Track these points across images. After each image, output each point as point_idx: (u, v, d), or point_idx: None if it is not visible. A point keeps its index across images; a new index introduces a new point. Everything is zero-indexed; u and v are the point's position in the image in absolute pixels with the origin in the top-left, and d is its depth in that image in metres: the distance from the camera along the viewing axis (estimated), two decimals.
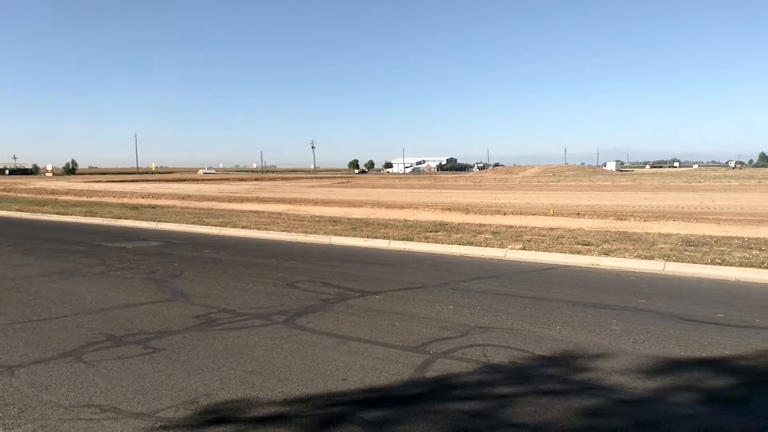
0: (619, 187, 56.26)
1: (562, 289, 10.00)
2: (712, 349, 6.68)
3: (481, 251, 14.04)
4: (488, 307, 8.75)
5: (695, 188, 49.71)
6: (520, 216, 22.59)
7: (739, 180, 67.00)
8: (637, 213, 23.71)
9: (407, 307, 8.82)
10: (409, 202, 33.01)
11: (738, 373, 5.94)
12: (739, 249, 12.99)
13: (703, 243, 13.94)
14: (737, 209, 26.08)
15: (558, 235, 15.90)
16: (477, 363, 6.29)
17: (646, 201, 32.70)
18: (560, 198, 37.31)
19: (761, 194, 38.70)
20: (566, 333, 7.39)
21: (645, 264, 11.89)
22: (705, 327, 7.59)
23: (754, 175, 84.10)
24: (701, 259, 11.88)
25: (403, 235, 16.57)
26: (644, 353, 6.54)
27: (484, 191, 49.70)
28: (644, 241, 14.40)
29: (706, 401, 5.25)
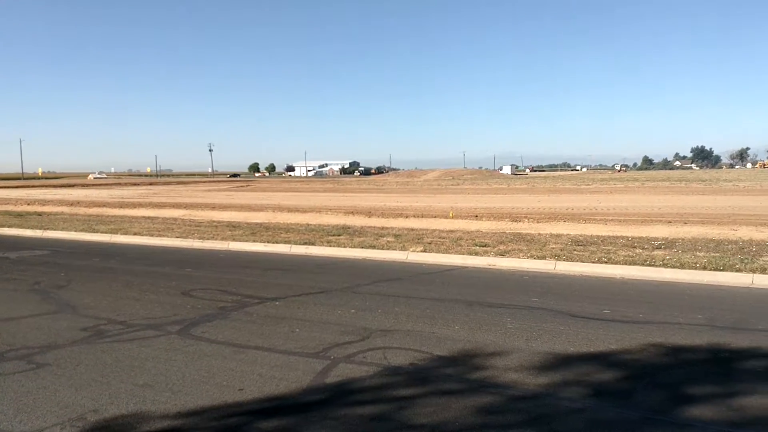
0: (514, 189, 58.49)
1: (461, 290, 10.22)
2: (599, 344, 7.01)
3: (384, 254, 14.14)
4: (389, 309, 8.79)
5: (584, 190, 52.49)
6: (422, 219, 22.96)
7: (624, 182, 71.41)
8: (530, 215, 24.70)
9: (308, 312, 8.71)
10: (312, 205, 32.81)
11: (623, 366, 6.27)
12: (624, 248, 13.77)
13: (591, 243, 14.68)
14: (622, 210, 27.73)
15: (457, 237, 16.27)
16: (378, 366, 6.29)
17: (539, 203, 34.16)
18: (459, 201, 38.29)
19: (644, 195, 41.39)
20: (464, 333, 7.54)
21: (538, 264, 12.38)
22: (593, 323, 7.97)
23: (637, 178, 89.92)
24: (589, 258, 12.49)
25: (305, 239, 16.42)
26: (537, 350, 6.78)
27: (386, 194, 50.21)
28: (537, 242, 15.00)
29: (594, 395, 5.50)
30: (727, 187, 52.44)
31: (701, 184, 62.09)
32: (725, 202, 31.88)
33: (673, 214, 24.07)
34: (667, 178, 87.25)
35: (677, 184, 61.83)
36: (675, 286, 10.45)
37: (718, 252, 12.79)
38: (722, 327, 7.65)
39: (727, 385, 5.63)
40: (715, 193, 42.72)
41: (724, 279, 10.61)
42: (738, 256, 12.12)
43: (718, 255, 12.35)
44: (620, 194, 44.36)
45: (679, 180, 75.80)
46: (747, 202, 32.24)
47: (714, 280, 10.63)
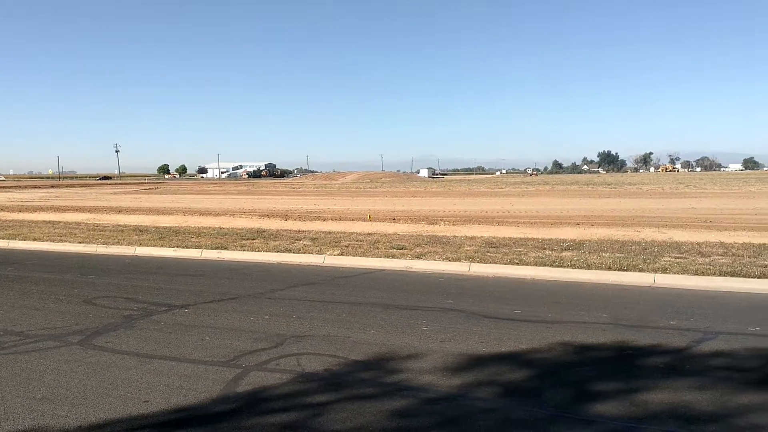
0: (430, 192, 59.35)
1: (378, 293, 10.21)
2: (510, 344, 7.15)
3: (300, 258, 13.95)
4: (305, 315, 8.66)
5: (498, 194, 53.91)
6: (339, 222, 22.87)
7: (535, 186, 73.89)
8: (446, 217, 25.09)
9: (219, 319, 8.45)
10: (225, 208, 32.07)
11: (533, 365, 6.41)
12: (535, 249, 14.18)
13: (503, 245, 15.03)
14: (533, 212, 28.63)
15: (375, 240, 16.29)
16: (291, 373, 6.16)
17: (455, 206, 34.78)
18: (377, 204, 38.47)
19: (554, 198, 42.94)
20: (380, 336, 7.52)
21: (453, 266, 12.55)
22: (504, 323, 8.13)
23: (548, 181, 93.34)
24: (501, 260, 12.78)
25: (218, 243, 15.98)
26: (450, 351, 6.84)
27: (304, 197, 49.79)
28: (452, 244, 15.22)
29: (505, 394, 5.59)
30: (632, 190, 55.23)
31: (607, 187, 65.11)
32: (630, 205, 33.53)
33: (581, 217, 25.06)
34: (575, 181, 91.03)
35: (585, 188, 64.58)
36: (582, 285, 10.84)
37: (622, 253, 13.37)
38: (626, 325, 7.98)
39: (630, 382, 5.85)
40: (620, 196, 44.87)
41: (628, 279, 11.09)
42: (641, 257, 12.71)
43: (622, 255, 12.91)
44: (532, 197, 45.84)
45: (587, 183, 79.22)
46: (650, 204, 34.03)
47: (618, 279, 11.09)
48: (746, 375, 6.02)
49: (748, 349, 6.83)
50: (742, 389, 5.58)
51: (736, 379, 5.90)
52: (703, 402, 5.30)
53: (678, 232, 17.62)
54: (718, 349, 6.83)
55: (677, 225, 20.39)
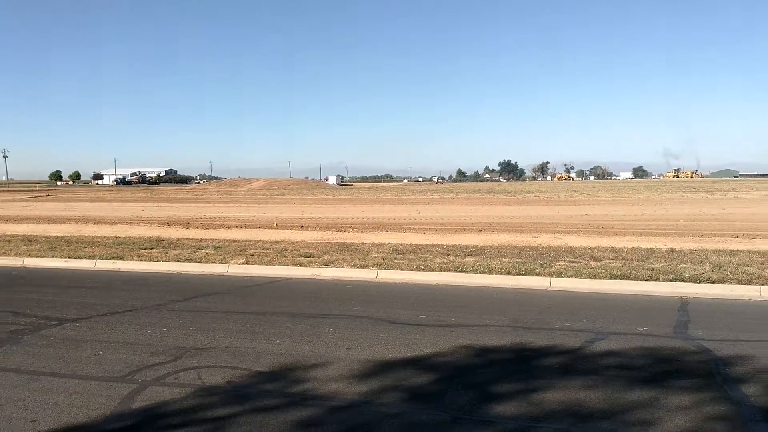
0: (339, 200, 59.43)
1: (284, 302, 10.08)
2: (415, 348, 7.24)
3: (202, 267, 13.56)
4: (206, 326, 8.41)
5: (405, 201, 54.71)
6: (245, 229, 22.44)
7: (441, 193, 75.56)
8: (355, 224, 25.17)
9: (114, 333, 8.06)
10: (122, 216, 30.73)
11: (437, 369, 6.52)
12: (440, 255, 14.47)
13: (410, 251, 15.24)
14: (439, 219, 29.24)
15: (282, 248, 16.08)
16: (191, 387, 5.96)
17: (363, 213, 34.99)
18: (285, 211, 38.06)
19: (458, 206, 44.06)
20: (285, 346, 7.41)
21: (361, 273, 12.59)
22: (409, 329, 8.23)
23: (452, 189, 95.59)
24: (408, 266, 12.96)
25: (113, 253, 15.26)
26: (357, 358, 6.84)
27: (207, 204, 48.52)
28: (360, 251, 15.27)
29: (410, 399, 5.64)
30: (530, 198, 57.57)
31: (507, 195, 67.55)
32: (528, 212, 34.91)
33: (483, 223, 25.83)
34: (478, 189, 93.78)
35: (487, 195, 66.68)
36: (484, 290, 11.15)
37: (521, 258, 13.88)
38: (524, 327, 8.27)
39: (528, 382, 6.05)
40: (519, 204, 46.66)
41: (526, 282, 11.51)
42: (538, 261, 13.23)
43: (521, 261, 13.39)
44: (437, 205, 46.84)
45: (489, 191, 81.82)
46: (547, 211, 35.56)
47: (517, 283, 11.50)
48: (635, 373, 6.37)
49: (637, 348, 7.25)
50: (631, 387, 5.91)
51: (626, 377, 6.23)
52: (596, 400, 5.57)
53: (572, 238, 18.50)
54: (609, 349, 7.20)
55: (572, 231, 21.42)
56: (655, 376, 6.23)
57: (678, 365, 6.62)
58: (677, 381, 6.04)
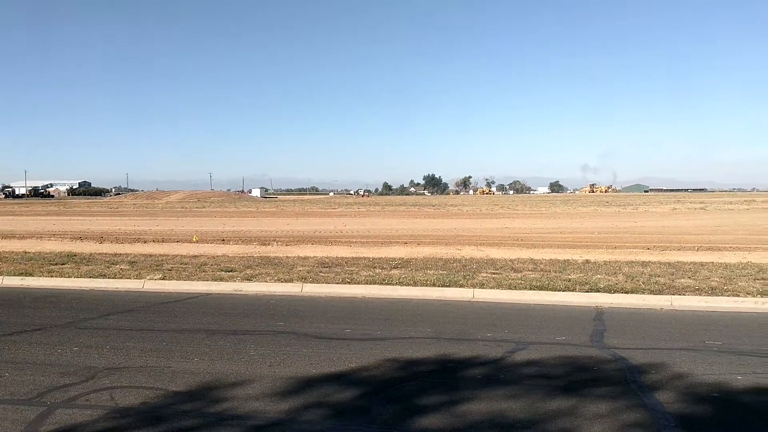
0: (263, 213, 58.50)
1: (203, 319, 9.76)
2: (340, 363, 7.14)
3: (116, 283, 12.98)
4: (120, 345, 8.01)
5: (331, 214, 54.46)
6: (163, 244, 21.70)
7: (367, 206, 75.73)
8: (279, 238, 24.81)
9: (20, 353, 7.57)
10: (32, 230, 29.10)
11: (362, 384, 6.44)
12: (366, 268, 14.43)
13: (336, 264, 15.13)
14: (365, 232, 29.23)
15: (201, 262, 15.63)
16: (104, 409, 5.65)
17: (288, 226, 34.55)
18: (205, 224, 37.11)
19: (384, 219, 44.23)
20: (204, 364, 7.16)
21: (285, 287, 12.37)
22: (335, 343, 8.12)
23: (378, 202, 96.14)
24: (334, 279, 12.84)
25: (21, 269, 14.39)
26: (279, 375, 6.67)
27: (122, 218, 46.67)
28: (285, 265, 15.03)
29: (334, 415, 5.54)
30: (454, 211, 58.55)
31: (432, 208, 68.42)
32: (452, 225, 35.46)
33: (408, 236, 26.02)
34: (403, 203, 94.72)
35: (412, 208, 67.35)
36: (409, 302, 11.19)
37: (445, 270, 14.03)
38: (448, 339, 8.33)
39: (452, 394, 6.07)
40: (443, 217, 47.34)
41: (450, 294, 11.64)
42: (461, 273, 13.41)
43: (445, 272, 13.54)
44: (364, 217, 46.87)
45: (414, 205, 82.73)
46: (469, 224, 36.24)
47: (442, 295, 11.60)
48: (554, 382, 6.50)
49: (556, 357, 7.42)
50: (551, 395, 6.02)
51: (546, 386, 6.35)
52: (518, 409, 5.64)
53: (494, 250, 18.89)
54: (529, 359, 7.34)
55: (493, 243, 21.89)
56: (574, 384, 6.38)
57: (595, 373, 6.81)
58: (595, 389, 6.21)
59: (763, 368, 6.87)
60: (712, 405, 5.75)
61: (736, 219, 40.45)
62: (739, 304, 10.42)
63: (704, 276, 12.75)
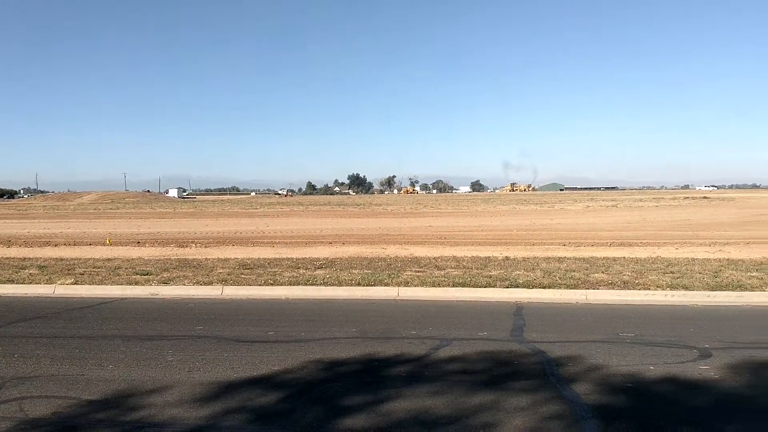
0: (181, 214, 56.92)
1: (118, 324, 9.36)
2: (262, 367, 7.00)
3: (25, 289, 12.29)
4: (30, 353, 7.58)
5: (253, 214, 53.59)
6: (74, 247, 20.74)
7: (290, 206, 75.00)
8: (198, 239, 24.18)
9: None
10: None
11: (285, 386, 6.33)
12: (289, 269, 14.25)
13: (258, 266, 14.86)
14: (289, 232, 28.92)
15: (115, 265, 15.01)
16: (12, 421, 5.33)
17: (207, 227, 33.75)
18: (120, 226, 35.73)
19: (308, 219, 43.91)
20: (119, 371, 6.86)
21: (204, 290, 12.04)
22: (257, 346, 7.97)
23: (302, 202, 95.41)
24: (256, 281, 12.61)
25: None
26: (199, 381, 6.47)
27: (31, 221, 44.30)
28: (204, 267, 14.65)
29: (256, 419, 5.42)
30: (378, 211, 58.86)
31: (357, 207, 68.57)
32: (377, 224, 35.61)
33: (333, 236, 25.94)
34: (328, 202, 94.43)
35: (337, 208, 67.24)
36: (334, 302, 11.13)
37: (370, 269, 14.05)
38: (373, 337, 8.33)
39: (377, 393, 6.06)
40: (368, 216, 47.50)
41: (375, 293, 11.65)
42: (386, 272, 13.46)
43: (370, 272, 13.56)
44: (287, 217, 46.38)
45: (339, 204, 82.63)
46: (394, 223, 36.51)
47: (367, 294, 11.61)
48: (477, 377, 6.61)
49: (478, 352, 7.55)
50: (474, 391, 6.11)
51: (469, 381, 6.45)
52: (441, 406, 5.69)
53: (418, 248, 19.10)
54: (452, 355, 7.44)
55: (417, 242, 22.14)
56: (495, 379, 6.51)
57: (515, 367, 6.97)
58: (515, 383, 6.35)
59: (673, 358, 7.23)
60: (627, 395, 5.99)
61: (646, 216, 42.61)
62: (650, 297, 10.94)
63: (617, 270, 13.32)
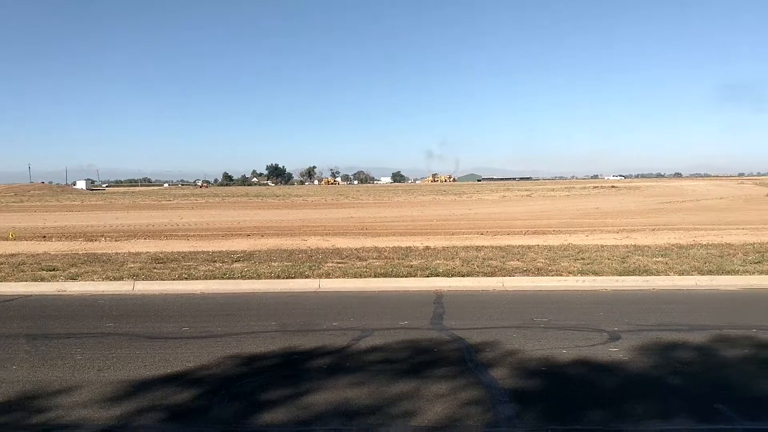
0: (89, 206, 54.31)
1: (23, 323, 8.83)
2: (176, 364, 6.77)
3: None
4: None
5: (166, 206, 51.85)
6: None
7: (206, 198, 73.03)
8: (108, 233, 23.18)
9: None
10: None
11: (201, 383, 6.14)
12: (205, 262, 13.85)
13: (171, 259, 14.37)
14: (204, 225, 28.16)
15: (19, 261, 14.16)
16: None
17: (118, 220, 32.41)
18: (24, 220, 33.77)
19: (225, 210, 42.89)
20: (24, 372, 6.48)
21: (115, 285, 11.53)
22: (171, 343, 7.70)
23: (218, 193, 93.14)
24: (169, 276, 12.19)
25: None
26: (109, 380, 6.19)
27: None
28: (114, 262, 14.04)
29: (171, 418, 5.23)
30: (299, 202, 58.30)
31: (276, 199, 67.66)
32: (297, 215, 35.26)
33: (251, 228, 25.47)
34: (246, 193, 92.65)
35: (255, 200, 66.12)
36: (252, 296, 10.90)
37: (290, 261, 13.87)
38: (293, 330, 8.22)
39: (297, 386, 5.98)
40: (288, 208, 46.96)
41: (295, 285, 11.51)
42: (307, 264, 13.33)
43: (290, 264, 13.38)
44: (203, 209, 45.17)
45: (257, 195, 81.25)
46: (315, 214, 36.27)
47: (287, 287, 11.44)
48: (398, 366, 6.64)
49: (399, 342, 7.59)
50: (395, 380, 6.14)
51: (390, 370, 6.46)
52: (363, 396, 5.68)
53: (340, 240, 19.04)
54: (374, 345, 7.44)
55: (339, 233, 22.07)
56: (416, 367, 6.56)
57: (435, 355, 7.05)
58: (435, 370, 6.42)
59: (584, 341, 7.51)
60: (542, 378, 6.17)
61: (558, 205, 44.26)
62: (563, 283, 11.34)
63: (531, 258, 13.74)
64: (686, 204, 42.07)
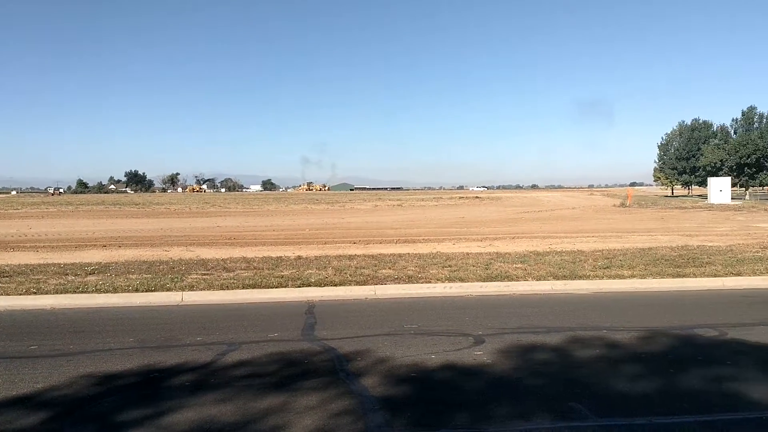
0: None
1: None
2: (23, 385, 6.15)
3: None
4: None
5: (12, 215, 47.49)
6: None
7: (58, 206, 67.75)
8: None
9: None
10: None
11: (51, 405, 5.61)
12: (56, 275, 12.79)
13: (19, 272, 13.15)
14: (56, 235, 26.06)
15: None
16: None
17: None
18: None
19: (79, 219, 40.00)
20: None
21: None
22: (17, 362, 7.01)
23: (71, 201, 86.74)
24: (16, 290, 11.13)
25: None
26: None
27: None
28: None
29: None
30: (160, 210, 55.62)
31: (135, 207, 64.08)
32: (159, 225, 33.58)
33: (108, 238, 23.92)
34: (102, 201, 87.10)
35: (112, 208, 62.20)
36: (109, 311, 10.19)
37: (150, 273, 13.12)
38: (153, 347, 7.74)
39: (157, 406, 5.60)
40: (149, 216, 44.64)
41: (156, 299, 10.88)
42: (169, 276, 12.67)
43: (150, 276, 12.65)
44: (54, 219, 41.82)
45: (114, 203, 76.57)
46: (178, 224, 34.72)
47: (146, 301, 10.80)
48: (266, 380, 6.42)
49: (268, 354, 7.36)
50: (263, 394, 5.92)
51: (258, 385, 6.24)
52: (228, 413, 5.42)
53: (205, 250, 18.33)
54: (241, 359, 7.17)
55: (204, 243, 21.27)
56: (285, 380, 6.38)
57: (305, 366, 6.90)
58: (305, 382, 6.28)
59: (451, 346, 7.69)
60: (411, 385, 6.22)
61: (427, 214, 45.56)
62: (431, 290, 11.61)
63: (402, 266, 13.96)
64: (542, 213, 44.82)
